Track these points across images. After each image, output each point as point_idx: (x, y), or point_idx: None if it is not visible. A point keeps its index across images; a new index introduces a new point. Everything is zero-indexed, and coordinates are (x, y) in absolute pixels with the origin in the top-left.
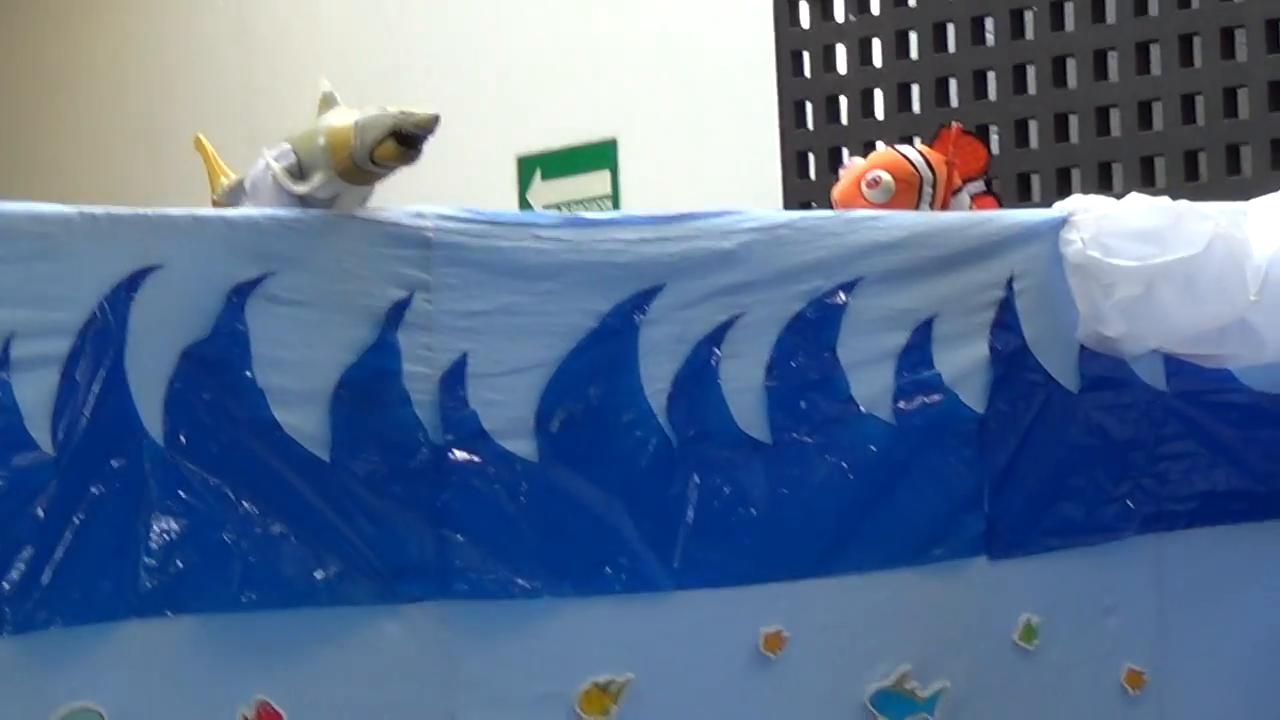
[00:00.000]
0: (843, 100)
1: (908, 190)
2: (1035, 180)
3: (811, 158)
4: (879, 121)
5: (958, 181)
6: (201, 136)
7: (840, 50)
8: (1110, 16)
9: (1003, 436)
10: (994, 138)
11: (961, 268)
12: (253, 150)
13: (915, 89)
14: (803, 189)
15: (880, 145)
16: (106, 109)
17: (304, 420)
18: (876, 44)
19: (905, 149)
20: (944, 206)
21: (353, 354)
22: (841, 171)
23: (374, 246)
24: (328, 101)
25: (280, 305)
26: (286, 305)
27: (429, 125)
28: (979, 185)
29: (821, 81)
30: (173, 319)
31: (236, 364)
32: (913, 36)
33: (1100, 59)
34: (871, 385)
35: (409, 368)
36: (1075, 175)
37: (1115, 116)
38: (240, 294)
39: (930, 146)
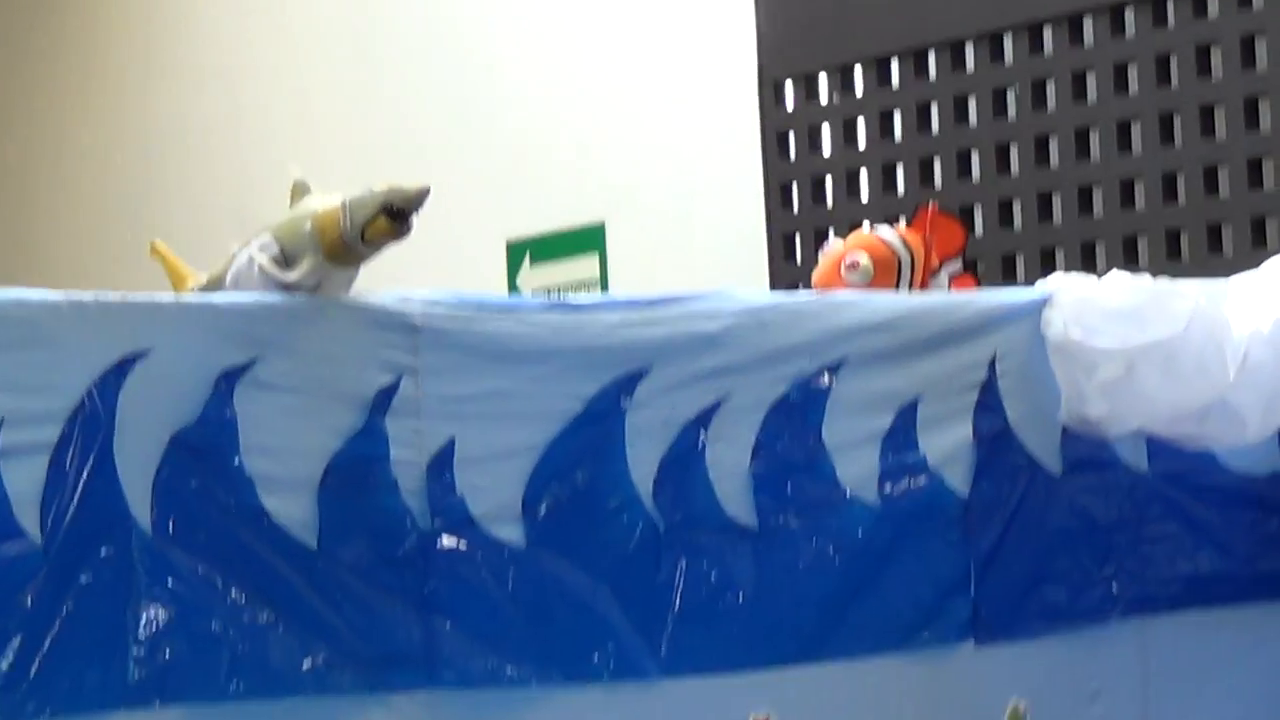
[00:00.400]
0: (828, 182)
1: (886, 272)
2: (1020, 260)
3: (798, 240)
4: (864, 204)
5: (936, 262)
6: (157, 243)
7: (825, 131)
8: (1091, 95)
9: (987, 519)
10: (978, 218)
11: (944, 349)
12: (244, 236)
13: (900, 169)
14: (789, 272)
15: (866, 226)
16: (97, 194)
17: (292, 507)
18: (860, 125)
19: (883, 230)
20: (923, 287)
21: (340, 440)
22: (821, 255)
23: (361, 331)
24: (300, 189)
25: (268, 391)
26: (274, 391)
27: (419, 198)
28: (957, 265)
29: (806, 163)
30: (161, 406)
31: (224, 450)
32: (896, 117)
33: (1082, 138)
34: (857, 468)
35: (396, 453)
36: (1059, 255)
37: (1098, 196)
38: (228, 380)
39: (908, 227)
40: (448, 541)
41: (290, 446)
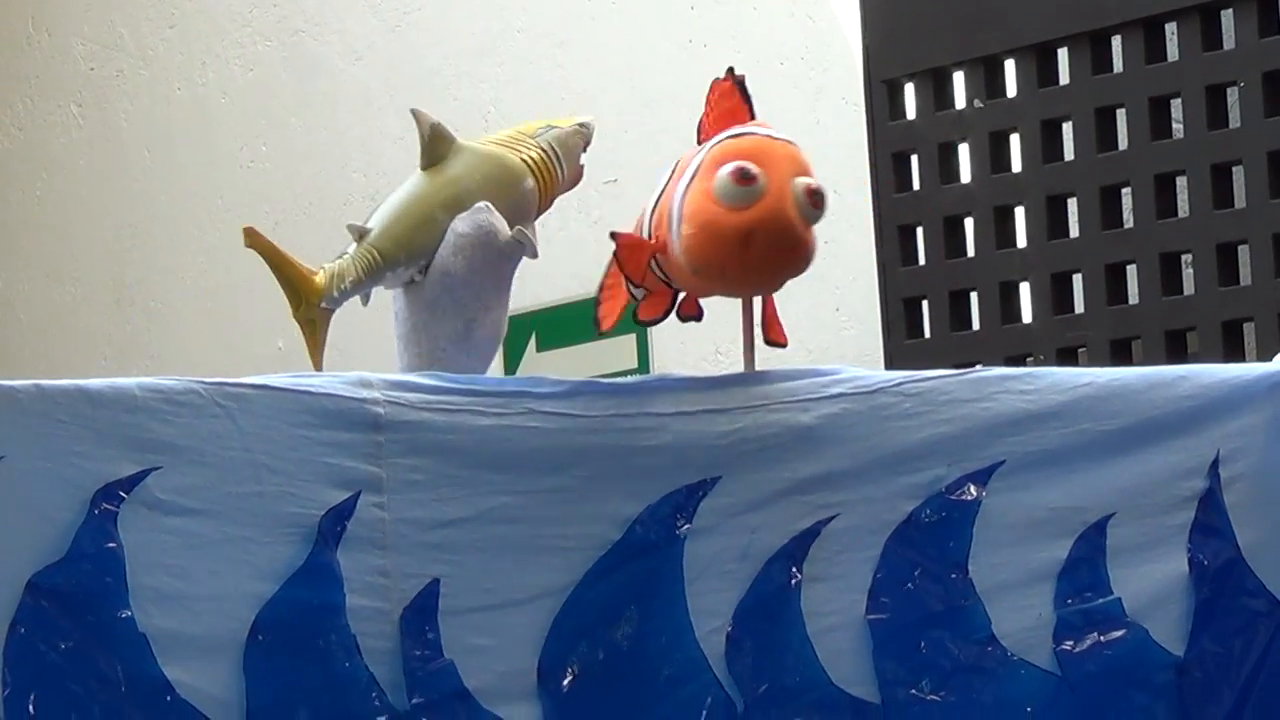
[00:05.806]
0: (968, 224)
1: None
2: (1249, 330)
3: (925, 305)
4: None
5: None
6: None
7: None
8: None
9: (1214, 690)
10: (1186, 268)
11: (1146, 447)
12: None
13: (1073, 205)
14: (913, 350)
15: None
16: None
17: (205, 679)
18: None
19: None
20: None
21: (273, 583)
22: None
23: (300, 430)
24: (440, 136)
25: (167, 515)
26: (176, 515)
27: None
28: None
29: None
30: (14, 535)
31: (107, 599)
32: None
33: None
34: (1021, 618)
35: (355, 602)
36: None
37: None
38: (110, 498)
39: None
40: None
41: (201, 593)
